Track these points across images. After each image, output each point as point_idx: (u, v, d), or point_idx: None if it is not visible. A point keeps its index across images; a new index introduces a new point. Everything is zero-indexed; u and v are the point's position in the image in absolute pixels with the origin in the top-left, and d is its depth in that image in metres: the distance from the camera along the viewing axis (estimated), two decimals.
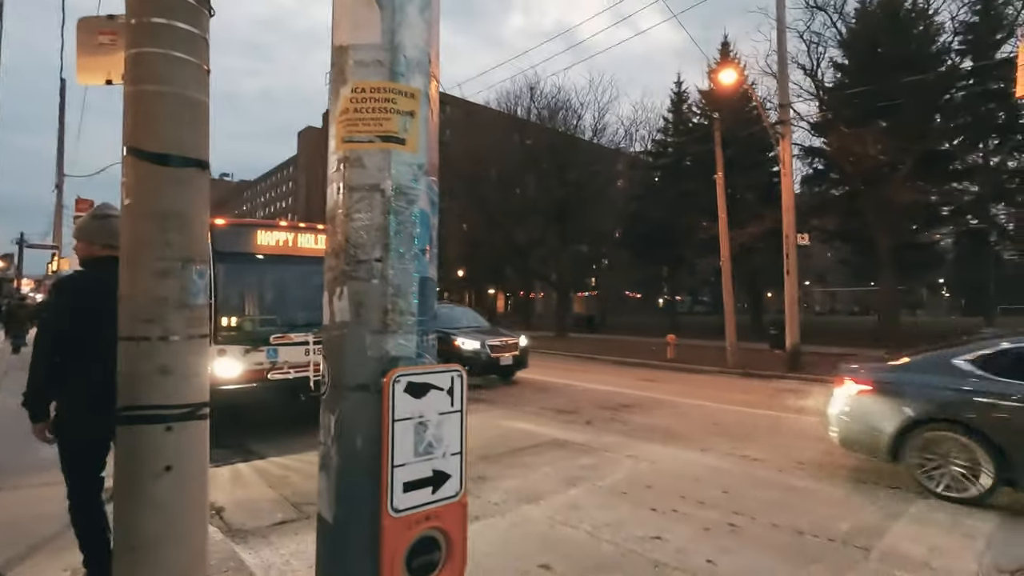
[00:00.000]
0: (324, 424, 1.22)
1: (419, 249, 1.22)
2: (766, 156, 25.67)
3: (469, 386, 5.30)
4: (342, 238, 1.19)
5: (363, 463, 1.14)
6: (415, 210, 1.21)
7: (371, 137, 1.17)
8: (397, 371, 1.15)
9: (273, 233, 7.15)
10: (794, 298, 13.43)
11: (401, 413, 1.14)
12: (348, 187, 1.19)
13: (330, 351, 1.23)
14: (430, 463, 1.17)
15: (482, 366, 10.75)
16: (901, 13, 18.76)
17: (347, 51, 1.19)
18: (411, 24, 1.20)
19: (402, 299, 1.19)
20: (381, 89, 1.17)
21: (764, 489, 4.82)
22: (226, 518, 4.18)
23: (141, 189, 2.37)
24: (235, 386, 6.20)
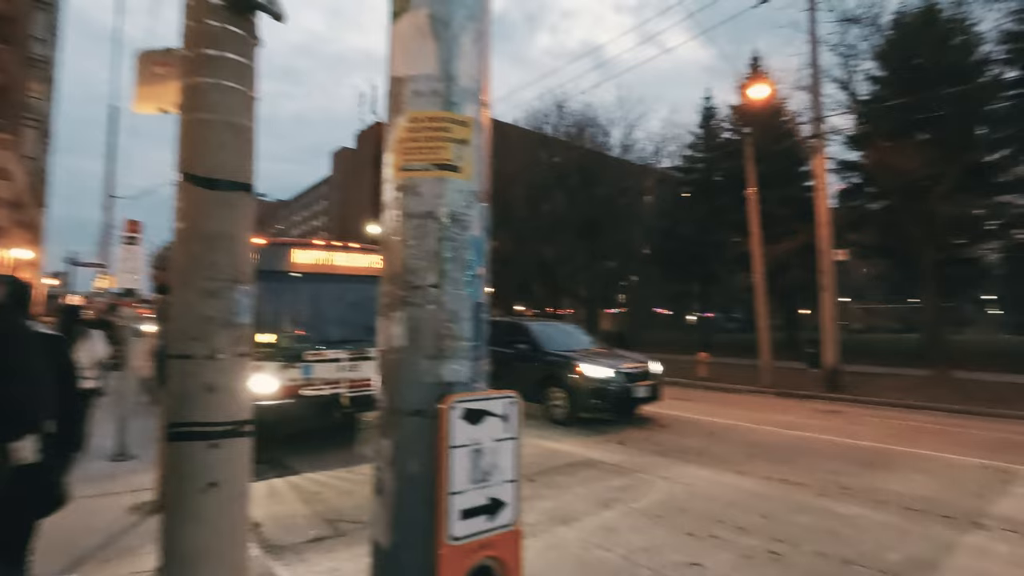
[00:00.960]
0: (379, 448, 1.23)
1: (472, 275, 1.23)
2: (799, 171, 25.18)
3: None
4: (398, 264, 1.21)
5: (419, 489, 1.14)
6: (469, 236, 1.23)
7: (427, 165, 1.20)
8: (454, 397, 1.16)
9: (308, 251, 7.33)
10: (832, 315, 13.03)
11: (458, 440, 1.14)
12: (405, 214, 1.22)
13: (385, 376, 1.24)
14: (486, 491, 1.17)
15: (614, 399, 8.46)
16: (939, 23, 18.31)
17: (404, 82, 1.23)
18: (465, 54, 1.23)
19: (456, 324, 1.20)
20: (437, 118, 1.20)
21: (806, 515, 4.64)
22: (263, 533, 4.24)
23: (192, 212, 2.46)
24: (270, 402, 6.31)
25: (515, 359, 9.46)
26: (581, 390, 8.41)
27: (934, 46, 17.52)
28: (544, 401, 8.88)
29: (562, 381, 8.67)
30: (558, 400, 8.71)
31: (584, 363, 8.64)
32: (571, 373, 8.58)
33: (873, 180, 19.57)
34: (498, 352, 9.67)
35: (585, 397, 8.36)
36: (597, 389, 8.40)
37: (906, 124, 16.27)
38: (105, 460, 6.00)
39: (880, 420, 9.46)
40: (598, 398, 8.37)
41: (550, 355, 9.18)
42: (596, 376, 8.48)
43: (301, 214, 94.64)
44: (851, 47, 18.38)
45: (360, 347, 7.09)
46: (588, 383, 8.42)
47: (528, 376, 9.09)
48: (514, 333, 9.99)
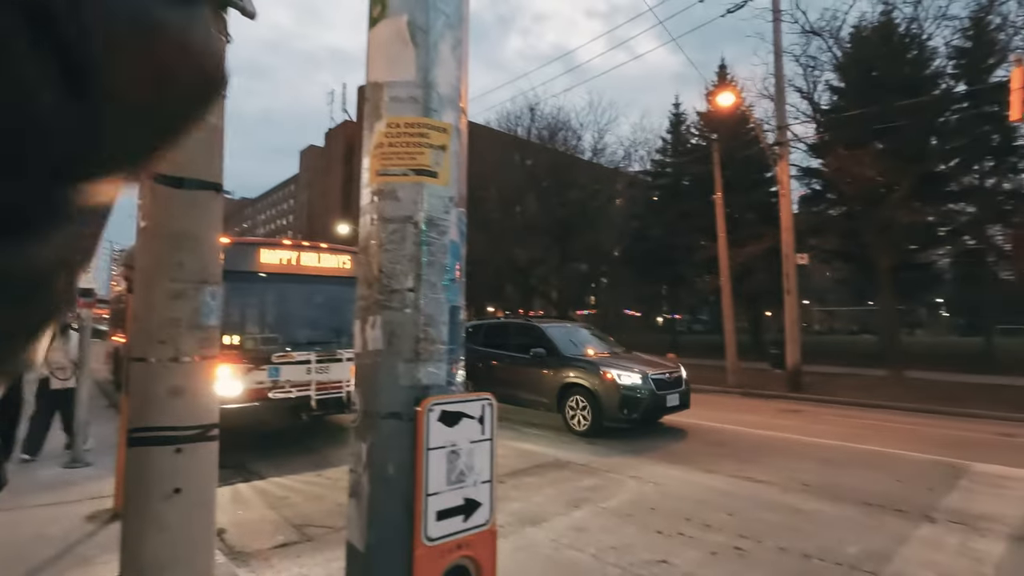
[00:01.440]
0: (355, 452, 1.23)
1: (449, 279, 1.24)
2: (764, 176, 25.91)
3: (611, 430, 6.46)
4: (375, 268, 1.22)
5: (395, 491, 1.15)
6: (446, 241, 1.24)
7: (405, 170, 1.21)
8: (431, 400, 1.17)
9: (276, 251, 7.19)
10: (795, 317, 13.45)
11: (435, 442, 1.15)
12: (382, 218, 1.22)
13: (362, 379, 1.24)
14: (462, 491, 1.18)
15: (645, 408, 7.71)
16: (895, 38, 19.13)
17: (382, 88, 1.23)
18: (443, 61, 1.24)
19: (433, 328, 1.21)
20: (415, 124, 1.21)
21: (770, 512, 4.79)
22: (228, 540, 4.14)
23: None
24: (237, 405, 6.17)
25: (528, 364, 8.82)
26: (609, 398, 7.66)
27: (890, 59, 18.30)
28: (564, 410, 8.20)
29: (586, 389, 7.92)
30: (581, 409, 7.98)
31: (613, 368, 7.88)
32: (598, 379, 7.82)
33: (833, 187, 20.30)
34: (506, 357, 9.26)
35: (613, 406, 7.63)
36: (627, 397, 7.64)
37: (864, 133, 16.93)
38: (60, 467, 5.77)
39: (840, 419, 9.81)
40: (628, 407, 7.61)
41: (571, 360, 8.45)
42: (627, 383, 7.70)
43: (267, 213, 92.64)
44: (813, 58, 19.05)
45: (329, 349, 7.00)
46: (617, 391, 7.64)
47: (544, 383, 8.51)
48: (526, 336, 9.30)
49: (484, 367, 9.59)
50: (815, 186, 23.29)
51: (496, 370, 9.35)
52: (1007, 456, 6.84)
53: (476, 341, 9.97)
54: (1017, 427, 9.02)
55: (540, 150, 29.65)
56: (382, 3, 1.23)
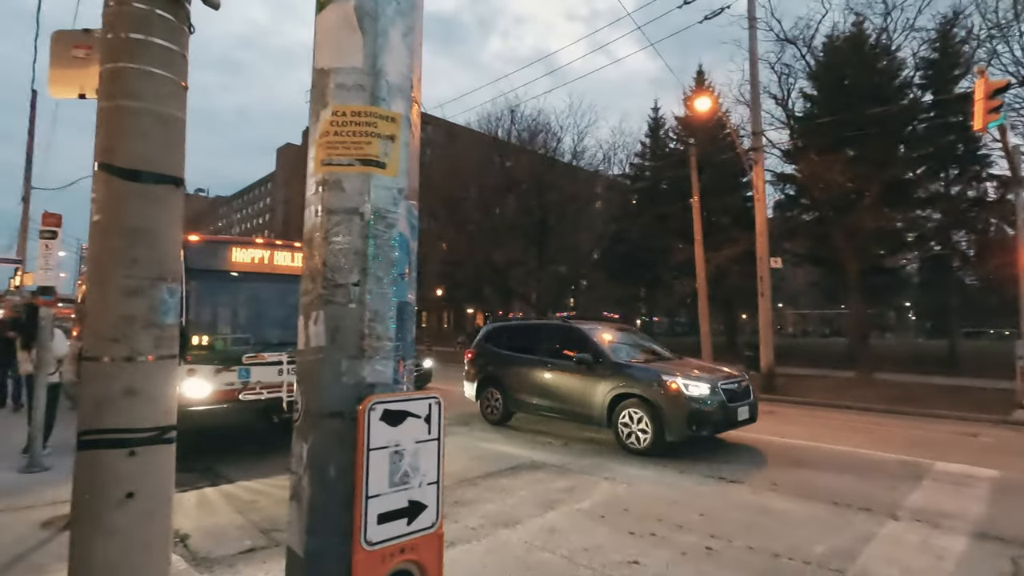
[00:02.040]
0: (296, 452, 1.18)
1: (398, 273, 1.20)
2: (740, 181, 26.37)
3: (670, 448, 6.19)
4: (319, 261, 1.17)
5: (336, 494, 1.10)
6: (394, 234, 1.20)
7: (351, 160, 1.16)
8: (373, 398, 1.13)
9: (247, 250, 7.03)
10: (769, 320, 13.68)
11: (377, 442, 1.11)
12: (327, 210, 1.18)
13: (304, 377, 1.20)
14: (406, 493, 1.14)
15: (716, 422, 6.84)
16: (866, 48, 19.65)
17: (328, 74, 1.19)
18: (393, 49, 1.20)
19: (380, 324, 1.17)
20: (362, 113, 1.17)
21: (740, 511, 4.83)
22: (191, 546, 4.02)
23: (111, 205, 2.31)
24: (205, 407, 6.02)
25: (569, 372, 7.89)
26: (674, 412, 6.70)
27: (861, 69, 18.79)
28: (616, 425, 7.18)
29: (645, 400, 6.94)
30: (638, 424, 6.96)
31: (678, 377, 6.91)
32: (659, 390, 6.85)
33: (806, 192, 20.74)
34: (539, 362, 8.39)
35: (679, 420, 6.67)
36: (696, 411, 6.68)
37: (835, 140, 17.34)
38: (16, 471, 5.55)
39: (811, 419, 9.99)
40: (697, 422, 6.67)
41: (623, 367, 7.47)
42: (695, 394, 6.76)
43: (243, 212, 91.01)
44: (787, 66, 19.47)
45: None
46: (684, 403, 6.69)
47: (590, 393, 7.52)
48: (565, 339, 8.36)
49: (510, 373, 8.85)
50: (789, 191, 23.78)
51: (526, 377, 8.53)
52: (969, 455, 7.04)
53: (499, 344, 9.47)
54: (979, 427, 9.30)
55: (520, 152, 29.74)
56: None
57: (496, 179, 29.86)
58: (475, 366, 9.65)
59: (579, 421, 7.93)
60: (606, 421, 7.35)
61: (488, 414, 9.21)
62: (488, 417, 9.17)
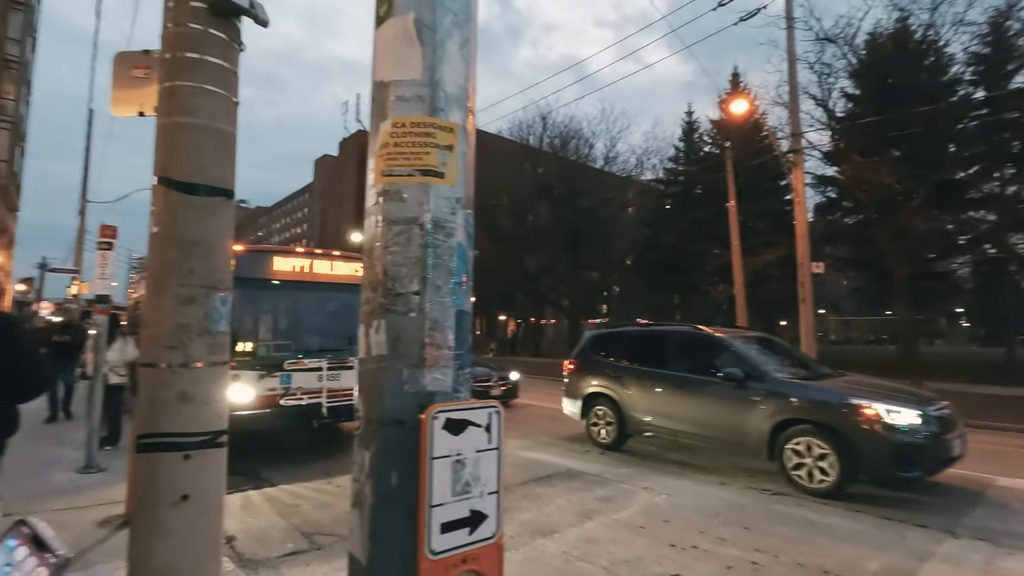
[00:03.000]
0: (358, 460, 1.20)
1: (456, 282, 1.21)
2: (778, 184, 25.74)
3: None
4: (380, 271, 1.19)
5: (398, 502, 1.11)
6: (453, 243, 1.21)
7: (410, 171, 1.18)
8: (435, 407, 1.13)
9: (289, 259, 7.23)
10: (811, 327, 13.26)
11: (439, 451, 1.12)
12: (387, 220, 1.20)
13: (366, 385, 1.21)
14: (468, 503, 1.14)
15: (927, 460, 5.35)
16: (911, 45, 18.96)
17: (388, 87, 1.21)
18: (451, 60, 1.22)
19: (439, 333, 1.18)
20: (421, 124, 1.18)
21: (786, 525, 4.67)
22: (237, 547, 4.13)
23: (169, 217, 2.41)
24: (248, 412, 6.19)
25: (712, 390, 6.57)
26: (871, 446, 5.33)
27: (906, 66, 18.12)
28: (782, 458, 5.88)
29: (828, 429, 5.58)
30: (817, 460, 5.60)
31: (877, 401, 5.49)
32: (849, 417, 5.48)
33: (849, 195, 20.08)
34: (669, 377, 7.14)
35: (880, 457, 5.33)
36: (904, 445, 5.25)
37: (880, 141, 16.75)
38: (75, 472, 5.81)
39: None
40: (906, 460, 5.25)
41: (790, 386, 6.12)
42: (900, 423, 5.31)
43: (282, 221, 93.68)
44: (827, 65, 18.92)
45: (341, 356, 7.00)
46: (886, 435, 5.28)
47: (744, 417, 6.20)
48: (703, 351, 7.10)
49: (628, 389, 7.56)
50: (830, 194, 23.06)
51: (650, 395, 7.33)
52: None
53: (611, 354, 8.11)
54: None
55: (551, 158, 29.76)
56: (388, 1, 1.21)
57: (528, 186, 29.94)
58: (579, 379, 8.34)
59: (727, 450, 6.72)
60: (765, 452, 6.02)
61: (597, 436, 7.86)
62: (598, 440, 7.83)
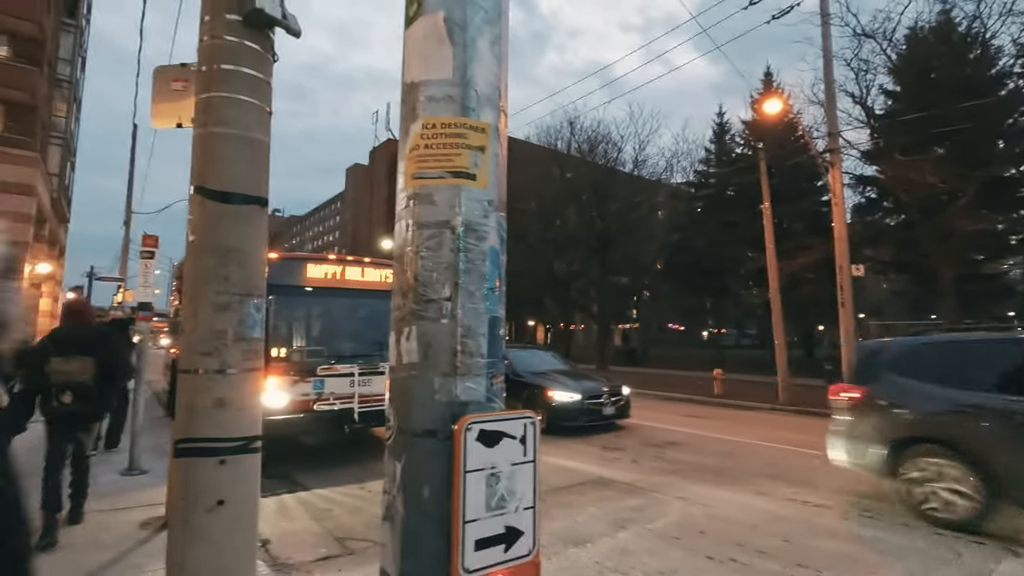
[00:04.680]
0: (389, 472, 1.17)
1: (488, 287, 1.18)
2: (813, 185, 25.02)
3: None
4: (411, 276, 1.16)
5: (430, 515, 1.08)
6: (485, 247, 1.18)
7: (441, 173, 1.15)
8: (469, 418, 1.10)
9: (321, 266, 7.35)
10: (851, 332, 12.79)
11: (473, 464, 1.08)
12: (418, 224, 1.17)
13: (396, 394, 1.18)
14: (502, 518, 1.09)
15: None
16: (955, 37, 18.20)
17: (418, 87, 1.19)
18: (482, 59, 1.19)
19: (472, 340, 1.14)
20: (452, 124, 1.15)
21: (830, 539, 4.48)
22: (271, 551, 4.17)
23: (205, 226, 2.45)
24: (282, 416, 6.28)
25: None
26: None
27: (950, 60, 17.41)
28: None
29: None
30: None
31: None
32: None
33: (890, 195, 19.37)
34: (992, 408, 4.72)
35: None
36: None
37: (923, 138, 16.10)
38: (118, 474, 6.00)
39: None
40: None
41: None
42: None
43: (315, 229, 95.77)
44: (865, 62, 18.31)
45: (371, 362, 7.06)
46: None
47: None
48: None
49: (995, 434, 4.66)
50: (870, 194, 22.29)
51: None
52: None
53: (931, 376, 5.25)
54: None
55: (579, 163, 29.61)
56: (418, 1, 1.19)
57: (556, 191, 29.84)
58: (876, 414, 5.52)
59: None
60: None
61: (929, 504, 4.94)
62: (937, 513, 4.87)
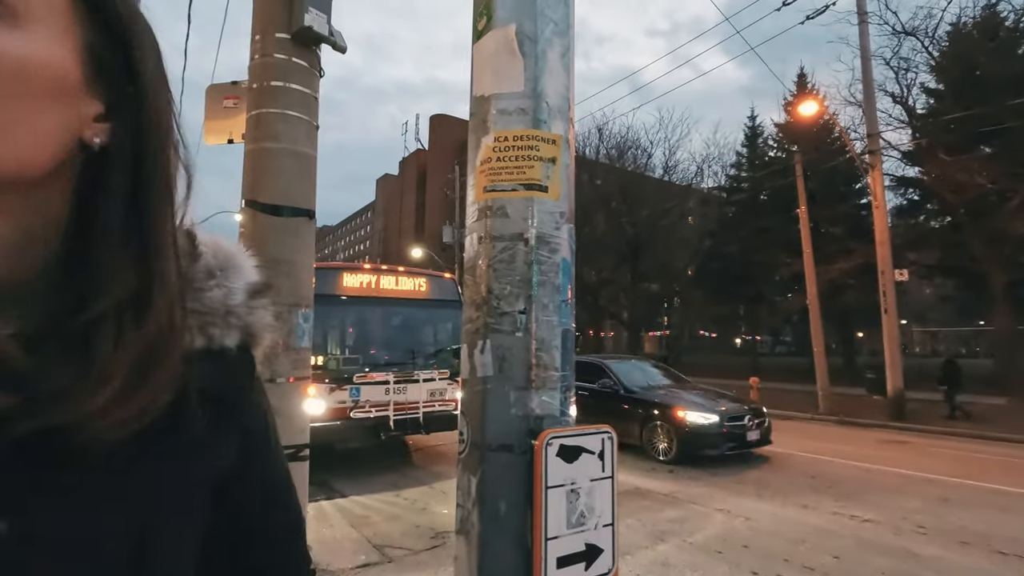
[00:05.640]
0: (462, 486, 1.17)
1: (561, 300, 1.17)
2: (852, 188, 24.29)
3: None
4: (484, 289, 1.16)
5: (508, 531, 1.07)
6: (558, 259, 1.17)
7: (514, 185, 1.15)
8: (549, 432, 1.08)
9: (356, 275, 7.46)
10: (895, 339, 12.33)
11: (554, 479, 1.06)
12: (491, 237, 1.17)
13: (470, 408, 1.18)
14: (583, 535, 1.08)
15: None
16: (1001, 32, 17.50)
17: (489, 100, 1.20)
18: (552, 70, 1.19)
19: (546, 353, 1.13)
20: (524, 137, 1.15)
21: (883, 556, 4.30)
22: (312, 557, 4.22)
23: (257, 238, 2.52)
24: (320, 423, 6.38)
25: None
26: None
27: (997, 56, 16.74)
28: None
29: None
30: None
31: None
32: None
33: (934, 197, 18.68)
34: None
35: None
36: None
37: (968, 138, 15.48)
38: None
39: (953, 452, 8.80)
40: None
41: None
42: None
43: (347, 239, 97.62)
44: (905, 60, 17.77)
45: (406, 370, 7.13)
46: None
47: None
48: None
49: None
50: (912, 196, 21.52)
51: None
52: None
53: None
54: None
55: (609, 169, 29.45)
56: (488, 15, 1.20)
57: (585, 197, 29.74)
58: None
59: None
60: None
61: None
62: None
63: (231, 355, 0.48)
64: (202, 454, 0.44)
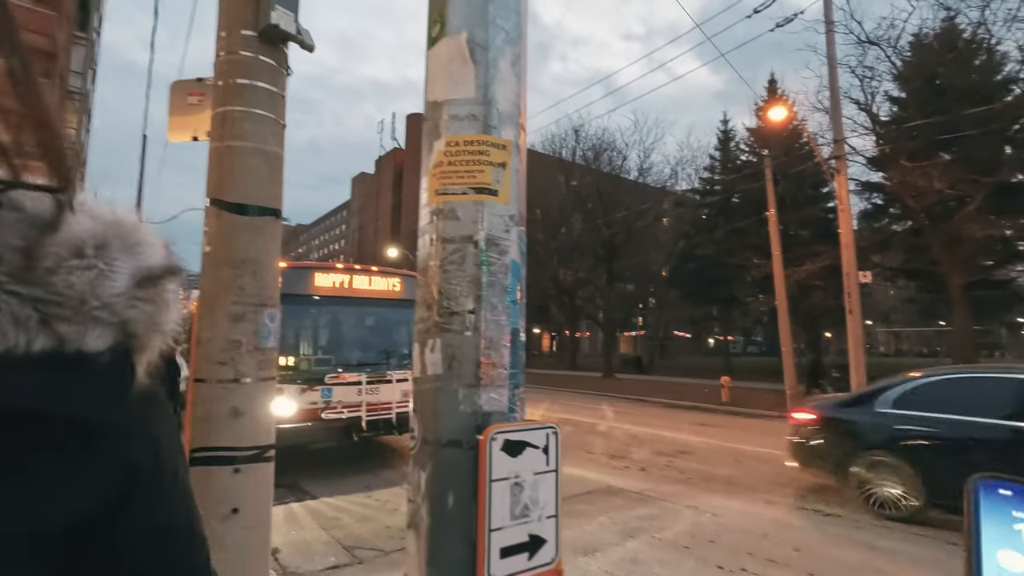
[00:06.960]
0: (413, 481, 1.19)
1: (511, 300, 1.20)
2: (819, 192, 24.97)
3: None
4: (435, 290, 1.19)
5: (455, 524, 1.10)
6: (507, 261, 1.20)
7: (465, 189, 1.18)
8: (494, 428, 1.12)
9: (330, 275, 7.39)
10: (859, 339, 12.71)
11: (498, 473, 1.10)
12: (441, 239, 1.20)
13: (421, 405, 1.21)
14: (526, 527, 1.11)
15: None
16: (960, 44, 18.19)
17: (441, 106, 1.22)
18: (503, 78, 1.22)
19: (495, 351, 1.17)
20: (475, 142, 1.18)
21: (842, 548, 4.45)
22: (281, 560, 4.18)
23: (221, 237, 2.49)
24: (290, 425, 6.30)
25: None
26: None
27: (955, 67, 17.39)
28: None
29: None
30: None
31: None
32: None
33: (897, 201, 19.30)
34: None
35: None
36: None
37: (929, 145, 16.06)
38: None
39: None
40: None
41: None
42: None
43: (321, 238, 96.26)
44: (870, 69, 18.32)
45: (379, 371, 7.09)
46: None
47: None
48: None
49: None
50: (876, 200, 22.21)
51: None
52: None
53: None
54: None
55: (585, 171, 29.70)
56: (441, 22, 1.23)
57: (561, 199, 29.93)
58: None
59: None
60: None
61: None
62: None
63: (97, 363, 0.36)
64: (34, 499, 0.33)
